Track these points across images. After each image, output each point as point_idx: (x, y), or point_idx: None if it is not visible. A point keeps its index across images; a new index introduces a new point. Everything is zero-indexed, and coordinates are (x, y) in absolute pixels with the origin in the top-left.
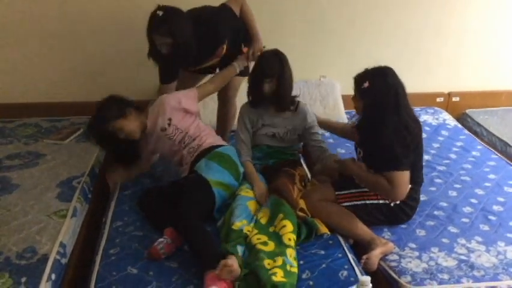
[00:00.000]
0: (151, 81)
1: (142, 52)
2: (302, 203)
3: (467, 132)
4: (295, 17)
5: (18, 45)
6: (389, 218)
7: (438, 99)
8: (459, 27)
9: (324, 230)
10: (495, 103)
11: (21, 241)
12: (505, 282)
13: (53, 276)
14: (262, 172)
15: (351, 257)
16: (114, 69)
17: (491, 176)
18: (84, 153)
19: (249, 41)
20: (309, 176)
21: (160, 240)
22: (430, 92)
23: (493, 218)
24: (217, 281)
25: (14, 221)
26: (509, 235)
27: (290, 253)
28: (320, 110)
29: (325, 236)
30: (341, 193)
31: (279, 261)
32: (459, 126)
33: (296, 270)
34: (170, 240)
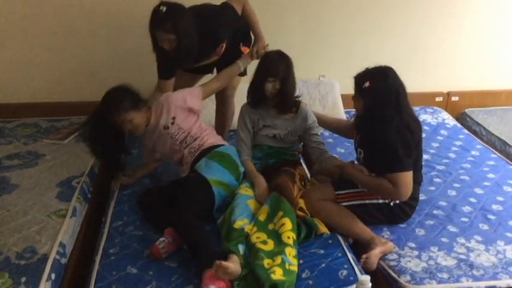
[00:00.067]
0: (150, 81)
1: (142, 52)
2: (302, 203)
3: (466, 131)
4: (295, 17)
5: (18, 45)
6: (389, 217)
7: (438, 99)
8: (458, 27)
9: (323, 229)
10: (494, 102)
11: (21, 241)
12: (504, 282)
13: (53, 276)
14: (263, 172)
15: (350, 256)
16: (114, 69)
17: (491, 176)
18: (83, 153)
19: (248, 40)
20: (308, 176)
21: (162, 239)
22: (429, 92)
23: (492, 217)
24: (216, 280)
25: (14, 221)
26: (509, 234)
27: (289, 252)
28: (319, 110)
29: (324, 236)
30: (340, 193)
31: (278, 260)
32: (458, 125)
33: (295, 268)
34: (171, 239)
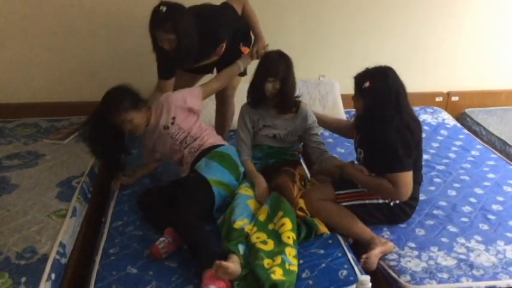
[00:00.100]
0: (150, 81)
1: (142, 52)
2: (302, 203)
3: (466, 131)
4: (295, 17)
5: (18, 45)
6: (389, 217)
7: (438, 99)
8: (458, 26)
9: (323, 229)
10: (494, 102)
11: (21, 241)
12: (504, 282)
13: (53, 276)
14: (262, 172)
15: (350, 256)
16: (114, 69)
17: (491, 176)
18: (83, 153)
19: (247, 40)
20: (308, 176)
21: (162, 239)
22: (429, 92)
23: (492, 217)
24: (215, 280)
25: (14, 221)
26: (509, 234)
27: (289, 252)
28: (319, 110)
29: (324, 236)
30: (340, 192)
31: (278, 260)
32: (458, 125)
33: (296, 269)
34: (171, 239)
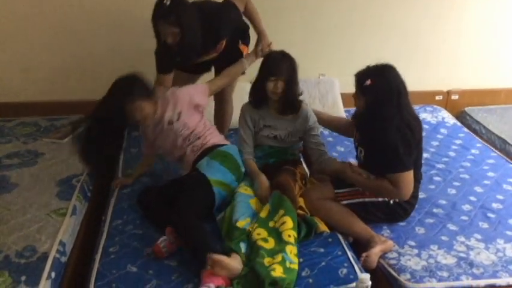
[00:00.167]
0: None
1: (142, 52)
2: (301, 201)
3: (466, 130)
4: (294, 15)
5: (18, 45)
6: (388, 215)
7: (438, 97)
8: (458, 25)
9: (323, 228)
10: (494, 101)
11: (21, 240)
12: (504, 280)
13: (53, 275)
14: (263, 171)
15: (350, 254)
16: (114, 69)
17: (490, 174)
18: None
19: (246, 38)
20: (308, 174)
21: (163, 238)
22: (429, 90)
23: (492, 215)
24: (214, 277)
25: (14, 219)
26: (509, 232)
27: (290, 250)
28: (319, 108)
29: (324, 234)
30: (340, 191)
31: (279, 257)
32: (458, 124)
33: (296, 267)
34: (172, 238)
